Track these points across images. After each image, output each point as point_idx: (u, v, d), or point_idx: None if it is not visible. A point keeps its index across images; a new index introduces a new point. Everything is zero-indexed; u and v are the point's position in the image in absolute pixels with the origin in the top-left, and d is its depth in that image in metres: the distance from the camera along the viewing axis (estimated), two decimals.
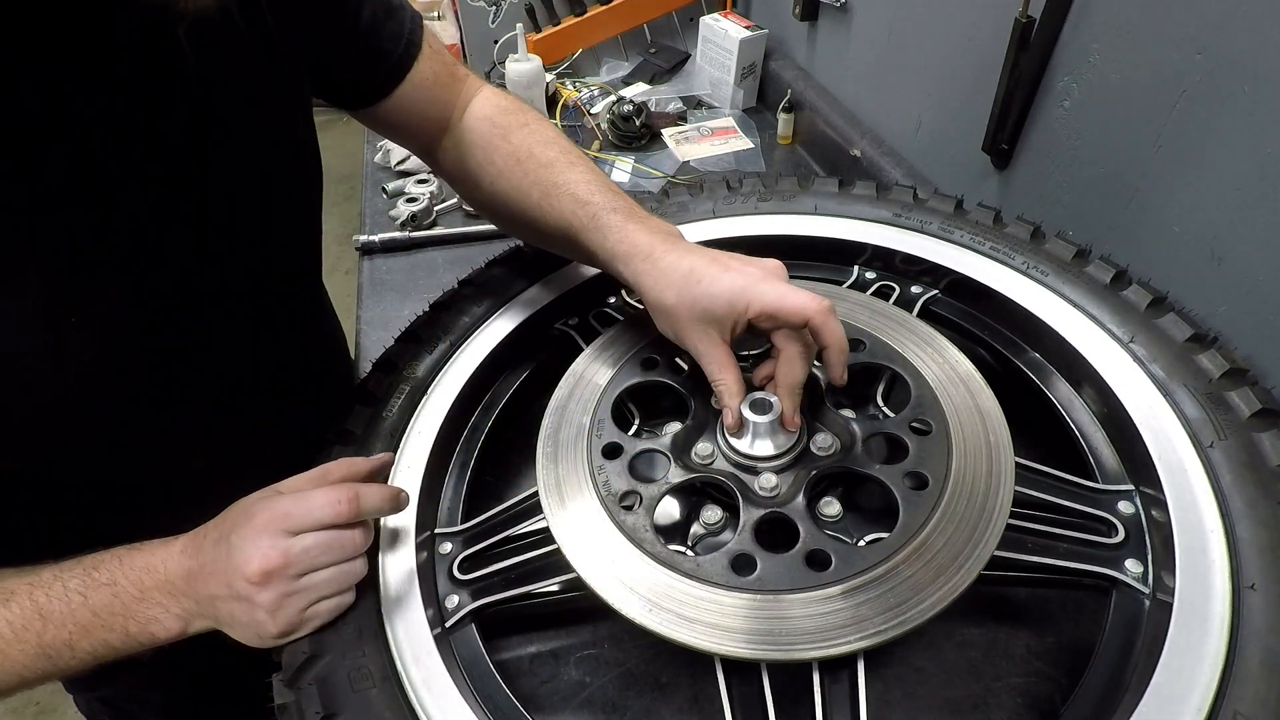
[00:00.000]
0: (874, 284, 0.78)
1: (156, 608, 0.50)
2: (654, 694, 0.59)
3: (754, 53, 1.45)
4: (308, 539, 0.50)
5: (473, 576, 0.59)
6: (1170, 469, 0.55)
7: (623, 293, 0.81)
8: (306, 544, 0.50)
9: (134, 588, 0.50)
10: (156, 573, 0.51)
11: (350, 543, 0.52)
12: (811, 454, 0.60)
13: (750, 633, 0.50)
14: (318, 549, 0.50)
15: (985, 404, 0.61)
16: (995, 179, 0.98)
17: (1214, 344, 0.60)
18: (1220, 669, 0.45)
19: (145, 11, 0.44)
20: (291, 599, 0.50)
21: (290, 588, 0.50)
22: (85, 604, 0.49)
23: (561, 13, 1.56)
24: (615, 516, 0.57)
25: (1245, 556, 0.49)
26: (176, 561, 0.51)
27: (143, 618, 0.50)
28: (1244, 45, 0.63)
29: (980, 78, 0.93)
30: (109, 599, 0.49)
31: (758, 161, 1.37)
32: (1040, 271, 0.71)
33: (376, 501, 0.54)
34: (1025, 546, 0.54)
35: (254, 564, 0.48)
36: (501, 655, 0.61)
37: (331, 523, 0.51)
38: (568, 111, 1.46)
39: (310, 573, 0.50)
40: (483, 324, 0.75)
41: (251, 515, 0.50)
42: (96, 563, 0.51)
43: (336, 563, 0.52)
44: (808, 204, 0.83)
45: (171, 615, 0.50)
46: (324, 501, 0.51)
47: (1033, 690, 0.57)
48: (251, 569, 0.48)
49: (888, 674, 0.58)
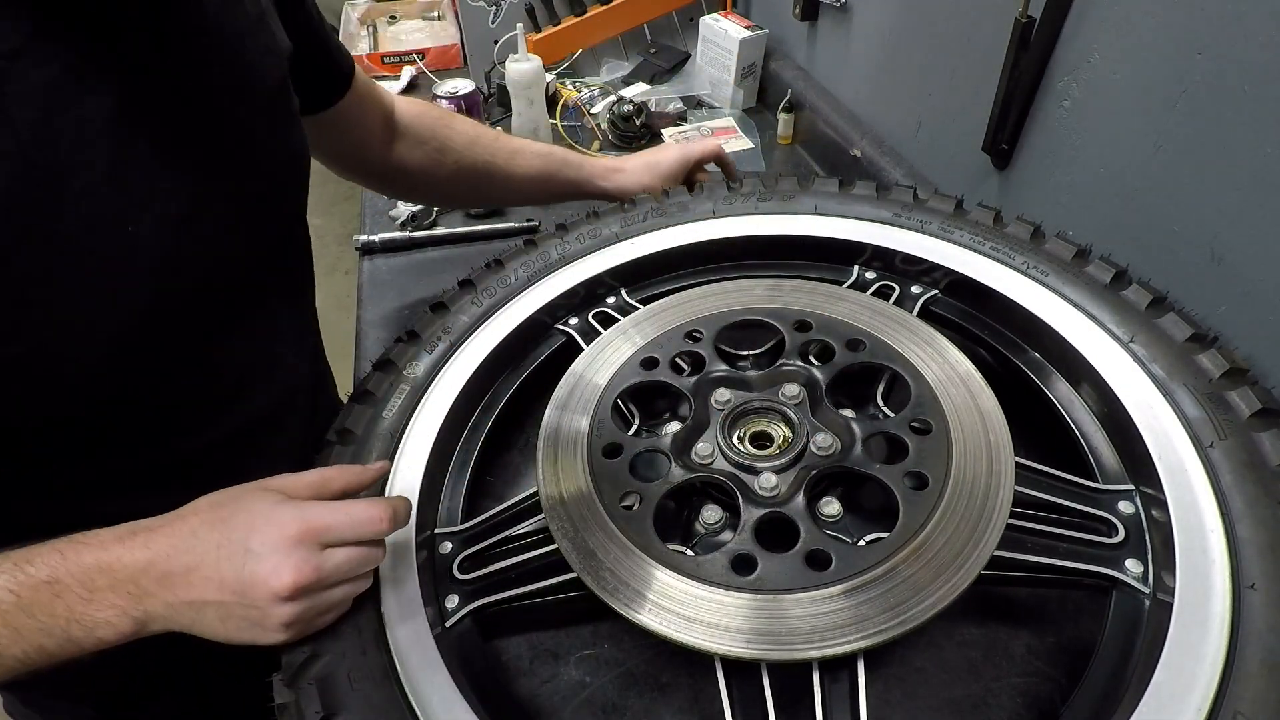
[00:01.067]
0: (874, 284, 0.78)
1: (109, 609, 0.45)
2: (654, 694, 0.59)
3: (754, 53, 1.45)
4: (341, 554, 0.48)
5: (473, 576, 0.59)
6: (1170, 469, 0.55)
7: (622, 292, 0.81)
8: (339, 560, 0.48)
9: (81, 588, 0.45)
10: (112, 573, 0.46)
11: (375, 558, 0.51)
12: (811, 454, 0.60)
13: (750, 633, 0.50)
14: (349, 565, 0.49)
15: (985, 404, 0.61)
16: (995, 179, 0.98)
17: (1214, 344, 0.60)
18: (1220, 669, 0.45)
19: None
20: (309, 610, 0.48)
21: (314, 603, 0.48)
22: (18, 604, 0.44)
23: (561, 13, 1.56)
24: (615, 516, 0.57)
25: (1245, 556, 0.49)
26: (138, 558, 0.46)
27: (89, 621, 0.45)
28: (1244, 45, 0.63)
29: (980, 78, 0.93)
30: (48, 600, 0.44)
31: (758, 161, 1.37)
32: (1040, 271, 0.71)
33: (405, 516, 0.53)
34: (1025, 546, 0.54)
35: (286, 578, 0.45)
36: (501, 655, 0.61)
37: (369, 539, 0.50)
38: (568, 111, 1.46)
39: (334, 587, 0.49)
40: (483, 324, 0.75)
41: (278, 522, 0.47)
42: (30, 556, 0.45)
43: (359, 577, 0.51)
44: (808, 204, 0.83)
45: (127, 618, 0.46)
46: (366, 519, 0.49)
47: (1033, 690, 0.57)
48: (282, 583, 0.45)
49: (888, 674, 0.58)
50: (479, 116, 1.27)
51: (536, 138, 1.33)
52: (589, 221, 0.85)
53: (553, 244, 0.83)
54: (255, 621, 0.47)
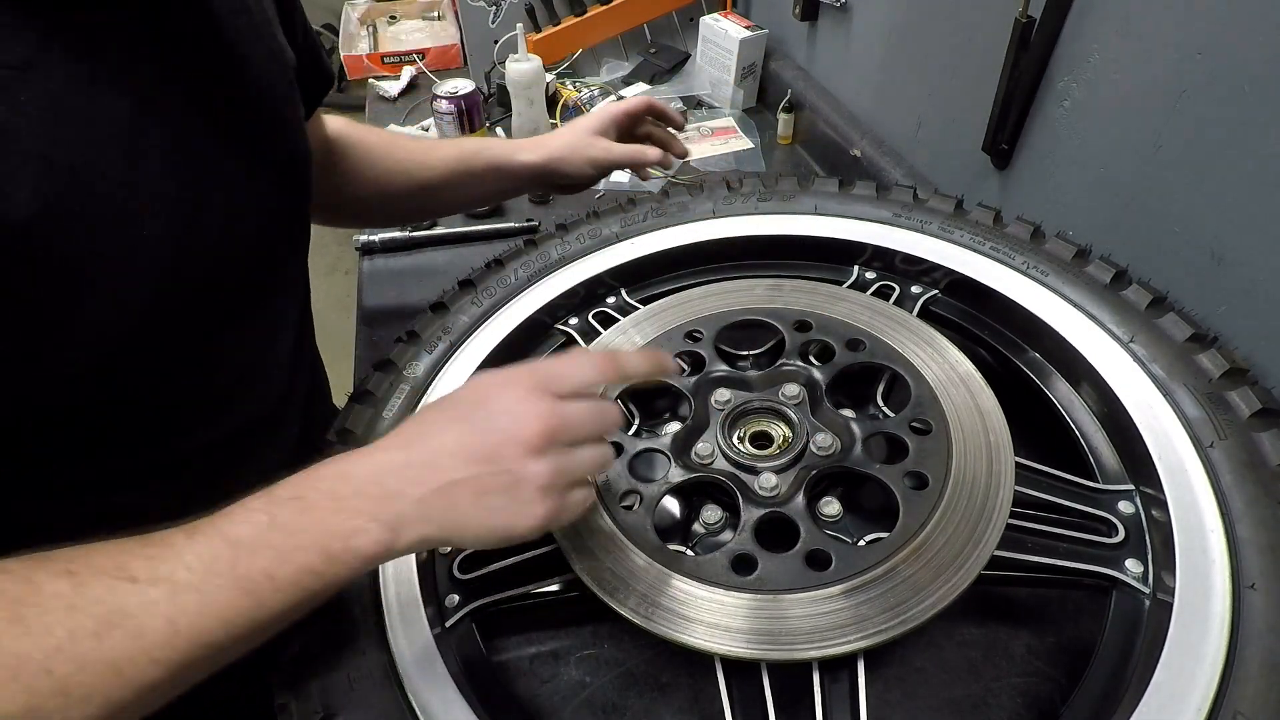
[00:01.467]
0: (874, 284, 0.78)
1: (359, 517, 0.43)
2: (654, 694, 0.59)
3: (754, 53, 1.45)
4: (576, 404, 0.46)
5: (473, 576, 0.59)
6: (1170, 469, 0.55)
7: (622, 292, 0.81)
8: (577, 408, 0.46)
9: (326, 499, 0.43)
10: (353, 478, 0.44)
11: (611, 415, 0.49)
12: (811, 454, 0.60)
13: (750, 633, 0.50)
14: (588, 414, 0.47)
15: (985, 404, 0.61)
16: (995, 179, 0.98)
17: (1214, 344, 0.60)
18: (1220, 669, 0.45)
19: None
20: (562, 473, 0.46)
21: (563, 459, 0.45)
22: (273, 523, 0.42)
23: (561, 13, 1.56)
24: (615, 516, 0.57)
25: (1245, 556, 0.49)
26: (378, 460, 0.45)
27: (342, 531, 0.43)
28: (1244, 45, 0.63)
29: (980, 78, 0.93)
30: (296, 515, 0.43)
31: (758, 161, 1.37)
32: (1040, 271, 0.71)
33: (637, 363, 0.51)
34: (1025, 546, 0.54)
35: (533, 425, 0.44)
36: (501, 655, 0.61)
37: (598, 383, 0.49)
38: (568, 111, 1.46)
39: (578, 445, 0.47)
40: (483, 324, 0.75)
41: (511, 380, 0.46)
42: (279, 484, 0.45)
43: (598, 437, 0.49)
44: (808, 204, 0.83)
45: (379, 524, 0.43)
46: (588, 363, 0.48)
47: (1033, 690, 0.57)
48: (531, 430, 0.44)
49: (888, 674, 0.58)
50: (479, 116, 1.27)
51: None
52: (589, 221, 0.85)
53: (553, 244, 0.83)
54: (511, 491, 0.45)
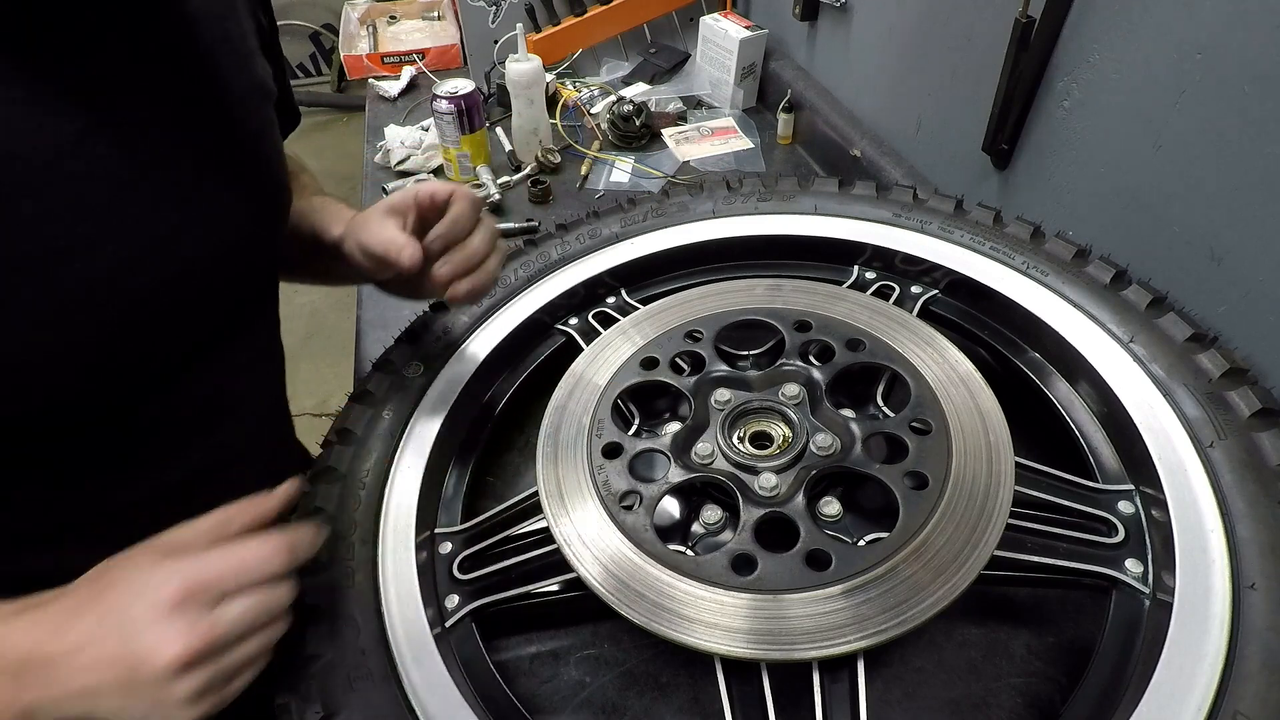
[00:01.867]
0: (874, 284, 0.78)
1: None
2: (654, 694, 0.59)
3: (754, 53, 1.45)
4: (236, 607, 0.42)
5: (473, 576, 0.59)
6: (1170, 469, 0.55)
7: (622, 292, 0.81)
8: (235, 614, 0.42)
9: None
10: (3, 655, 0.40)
11: (278, 600, 0.44)
12: (811, 454, 0.60)
13: (750, 632, 0.50)
14: (249, 616, 0.42)
15: (985, 404, 0.61)
16: (995, 179, 0.98)
17: (1214, 344, 0.60)
18: (1220, 669, 0.45)
19: None
20: (213, 682, 0.41)
21: (215, 670, 0.41)
22: None
23: (561, 13, 1.55)
24: (615, 516, 0.57)
25: (1245, 556, 0.49)
26: (22, 642, 0.41)
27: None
28: (1244, 45, 0.63)
29: (980, 78, 0.93)
30: None
31: (758, 161, 1.37)
32: (1040, 271, 0.71)
33: (307, 547, 0.47)
34: (1025, 546, 0.54)
35: (168, 651, 0.39)
36: (501, 655, 0.61)
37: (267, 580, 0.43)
38: (568, 111, 1.46)
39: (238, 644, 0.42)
40: (483, 324, 0.75)
41: (155, 586, 0.41)
42: None
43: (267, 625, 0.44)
44: (808, 204, 0.83)
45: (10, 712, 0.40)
46: (256, 559, 0.43)
47: (1033, 690, 0.57)
48: (165, 658, 0.39)
49: (888, 674, 0.59)
50: (479, 116, 1.26)
51: (536, 137, 1.33)
52: (589, 221, 0.85)
53: (553, 244, 0.83)
54: (156, 702, 0.40)
